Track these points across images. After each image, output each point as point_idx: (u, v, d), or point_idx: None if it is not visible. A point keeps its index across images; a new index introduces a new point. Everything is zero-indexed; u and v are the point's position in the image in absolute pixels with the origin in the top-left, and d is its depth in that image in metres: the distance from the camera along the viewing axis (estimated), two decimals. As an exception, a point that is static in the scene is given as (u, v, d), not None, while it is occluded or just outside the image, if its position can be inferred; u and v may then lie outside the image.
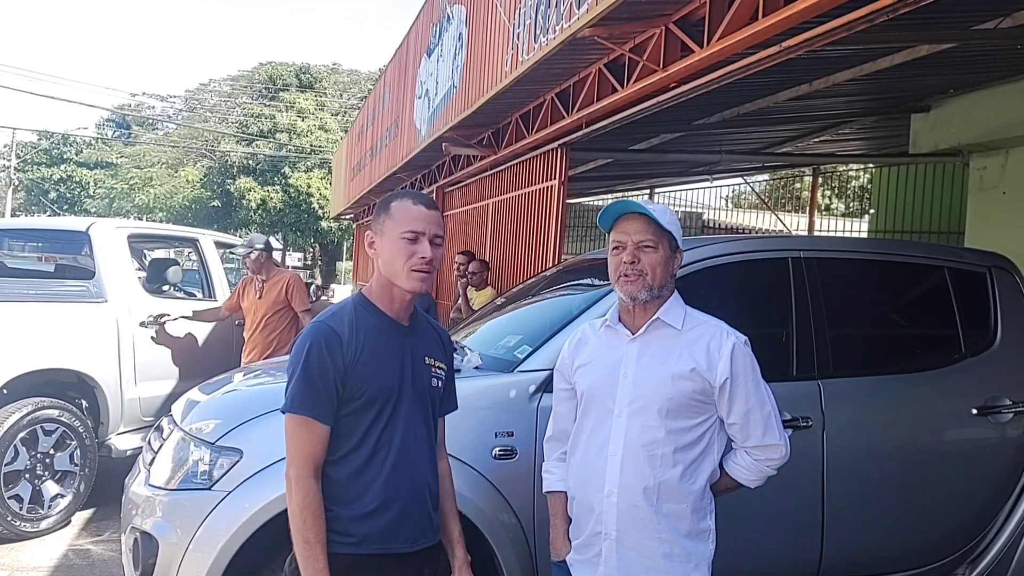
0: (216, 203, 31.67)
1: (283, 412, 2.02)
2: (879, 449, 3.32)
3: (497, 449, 2.81)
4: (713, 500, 2.27)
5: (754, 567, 3.12)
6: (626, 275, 2.20)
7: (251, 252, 5.80)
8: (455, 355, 2.69)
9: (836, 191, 21.55)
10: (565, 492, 2.34)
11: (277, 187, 31.13)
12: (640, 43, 5.03)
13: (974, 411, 3.46)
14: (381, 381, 2.03)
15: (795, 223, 14.70)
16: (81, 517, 5.22)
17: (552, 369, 2.54)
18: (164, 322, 5.80)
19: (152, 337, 5.74)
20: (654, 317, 2.23)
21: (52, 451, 5.00)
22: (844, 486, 3.22)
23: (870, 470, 3.29)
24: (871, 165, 11.74)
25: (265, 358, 5.51)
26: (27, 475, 4.88)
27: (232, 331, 6.47)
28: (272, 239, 5.91)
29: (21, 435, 4.81)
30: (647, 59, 4.85)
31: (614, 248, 2.25)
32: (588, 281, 3.72)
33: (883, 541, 3.32)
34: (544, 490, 2.43)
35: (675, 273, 2.27)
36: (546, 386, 2.80)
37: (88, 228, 5.77)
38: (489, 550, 2.73)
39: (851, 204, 21.27)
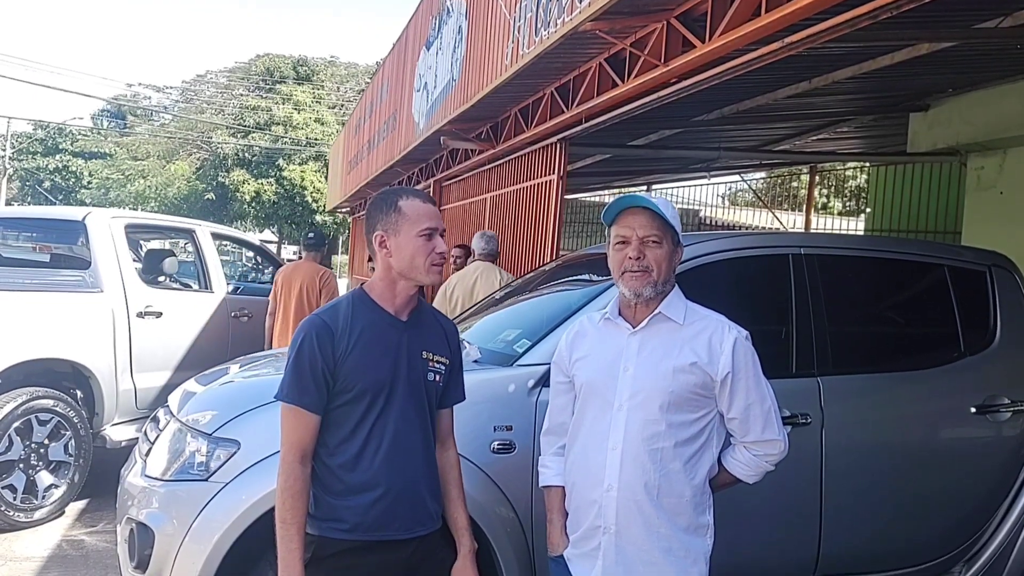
0: (211, 195, 31.57)
1: (275, 399, 2.09)
2: (877, 447, 3.32)
3: (495, 443, 2.80)
4: (711, 495, 2.26)
5: (751, 563, 3.11)
6: (631, 271, 2.18)
7: None
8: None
9: (833, 190, 21.55)
10: (562, 487, 2.33)
11: (271, 180, 31.04)
12: (641, 38, 5.01)
13: (972, 410, 3.46)
14: (372, 374, 2.07)
15: (792, 221, 14.69)
16: (75, 508, 5.21)
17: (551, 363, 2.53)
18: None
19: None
20: (655, 311, 2.22)
21: (46, 441, 4.98)
22: (842, 483, 3.22)
23: (868, 467, 3.29)
24: (868, 164, 11.73)
25: None
26: (21, 465, 4.87)
27: (227, 323, 6.45)
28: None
29: (15, 425, 4.80)
30: (648, 54, 4.83)
31: (618, 243, 2.22)
32: (587, 276, 3.71)
33: (880, 538, 3.32)
34: (540, 484, 2.42)
35: (675, 268, 2.26)
36: (545, 380, 2.77)
37: (84, 218, 5.73)
38: (487, 545, 2.71)
39: (848, 203, 21.27)
